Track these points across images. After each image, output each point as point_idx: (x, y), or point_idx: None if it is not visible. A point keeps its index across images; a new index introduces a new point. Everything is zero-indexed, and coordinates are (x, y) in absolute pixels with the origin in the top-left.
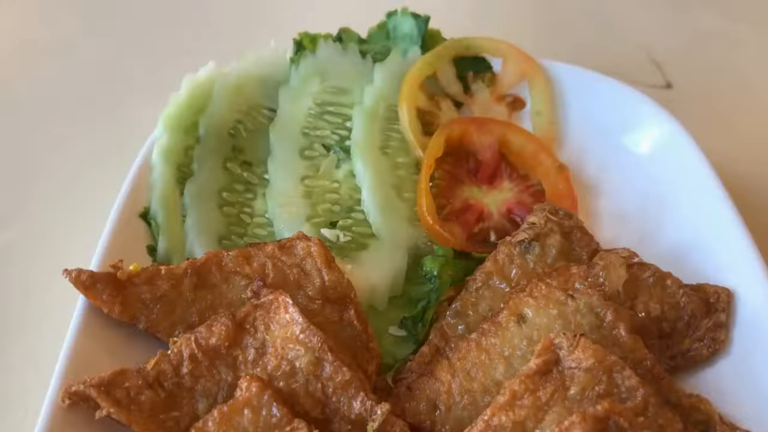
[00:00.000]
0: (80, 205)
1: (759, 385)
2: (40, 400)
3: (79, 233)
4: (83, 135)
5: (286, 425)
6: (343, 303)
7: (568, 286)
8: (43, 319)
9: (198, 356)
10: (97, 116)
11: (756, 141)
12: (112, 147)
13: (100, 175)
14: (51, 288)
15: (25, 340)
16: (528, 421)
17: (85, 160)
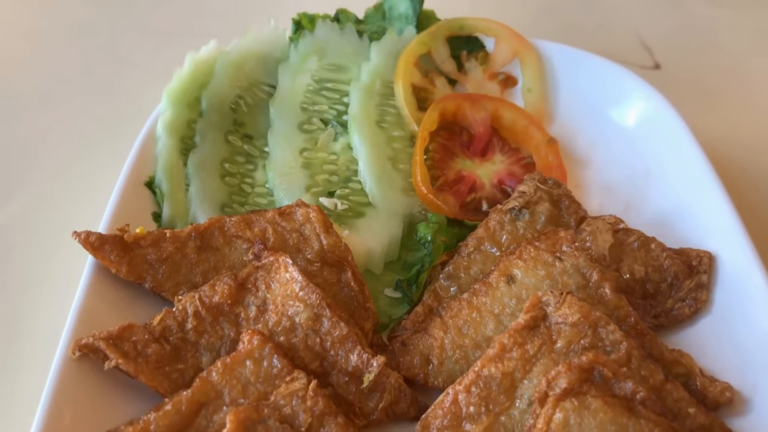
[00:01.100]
0: (89, 175)
1: (737, 341)
2: (52, 354)
3: (88, 201)
4: (90, 111)
5: (286, 375)
6: (341, 265)
7: (556, 248)
8: (55, 281)
9: (202, 313)
10: (102, 94)
11: (741, 120)
12: (118, 121)
13: (107, 147)
14: (62, 252)
15: (37, 301)
16: (516, 372)
17: (92, 134)
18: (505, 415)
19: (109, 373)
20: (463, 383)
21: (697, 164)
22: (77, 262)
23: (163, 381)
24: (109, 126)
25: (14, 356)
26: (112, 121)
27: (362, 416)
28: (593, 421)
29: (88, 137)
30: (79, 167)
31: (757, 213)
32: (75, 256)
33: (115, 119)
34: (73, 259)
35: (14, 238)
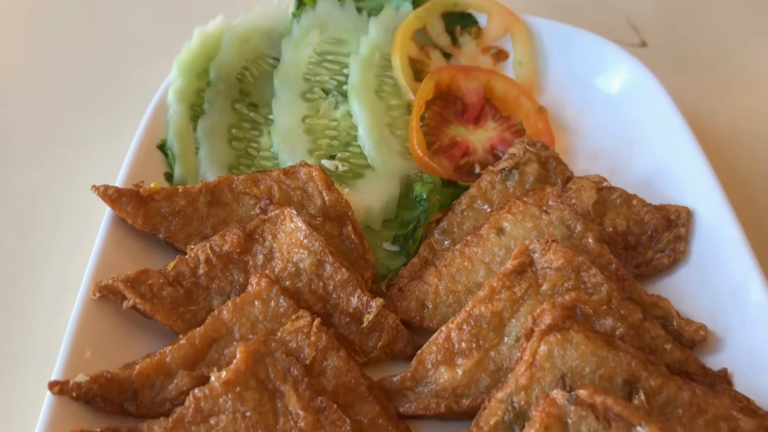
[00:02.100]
0: (104, 139)
1: (712, 289)
2: (73, 297)
3: (104, 163)
4: (103, 86)
5: (292, 314)
6: (342, 220)
7: (543, 203)
8: (75, 233)
9: (212, 260)
10: (113, 69)
11: (725, 96)
12: (128, 95)
13: (121, 114)
14: (82, 206)
15: (60, 250)
16: (505, 311)
17: (107, 103)
18: (494, 350)
19: (126, 313)
20: (456, 322)
21: (677, 129)
22: (96, 215)
23: (177, 320)
24: (120, 99)
25: (38, 300)
26: (123, 94)
27: (362, 354)
28: (575, 353)
29: (103, 108)
30: (96, 133)
31: (738, 181)
32: (94, 210)
33: (125, 93)
34: (93, 212)
35: (42, 194)
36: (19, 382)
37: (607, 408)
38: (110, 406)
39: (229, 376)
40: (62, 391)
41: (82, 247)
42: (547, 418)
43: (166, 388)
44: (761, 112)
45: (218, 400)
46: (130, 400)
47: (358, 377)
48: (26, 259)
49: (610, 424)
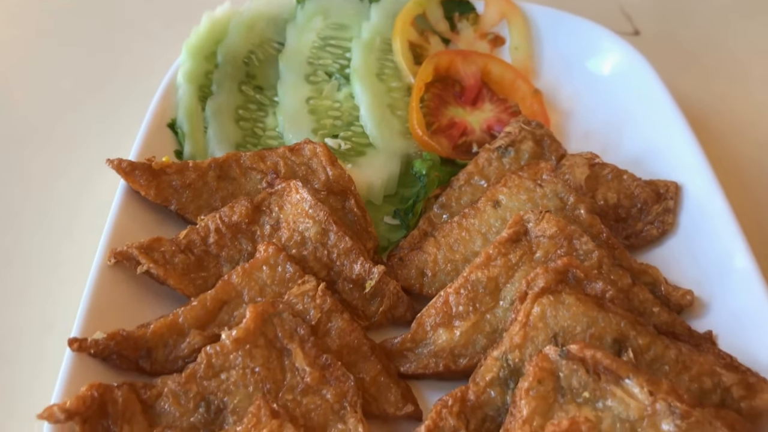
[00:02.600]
0: (118, 118)
1: (699, 258)
2: (89, 264)
3: (118, 140)
4: (116, 67)
5: (298, 279)
6: (345, 194)
7: (537, 177)
8: (91, 204)
9: (222, 230)
10: (126, 54)
11: (717, 83)
12: (137, 78)
13: (134, 95)
14: (97, 180)
15: (76, 220)
16: (500, 277)
17: (121, 85)
18: (490, 313)
19: (140, 279)
20: (454, 287)
21: (666, 109)
22: (111, 187)
23: (188, 285)
24: (133, 82)
25: (56, 266)
26: (136, 77)
27: (364, 318)
28: (567, 313)
29: (117, 90)
30: (111, 113)
31: (728, 163)
32: (109, 183)
33: (137, 76)
34: (107, 185)
35: (61, 169)
36: (41, 342)
37: (597, 362)
38: (126, 363)
39: (239, 335)
40: (81, 348)
41: (98, 218)
42: (540, 372)
43: (178, 347)
44: (752, 100)
45: (229, 356)
46: (144, 357)
47: (360, 338)
48: (46, 229)
49: (599, 377)
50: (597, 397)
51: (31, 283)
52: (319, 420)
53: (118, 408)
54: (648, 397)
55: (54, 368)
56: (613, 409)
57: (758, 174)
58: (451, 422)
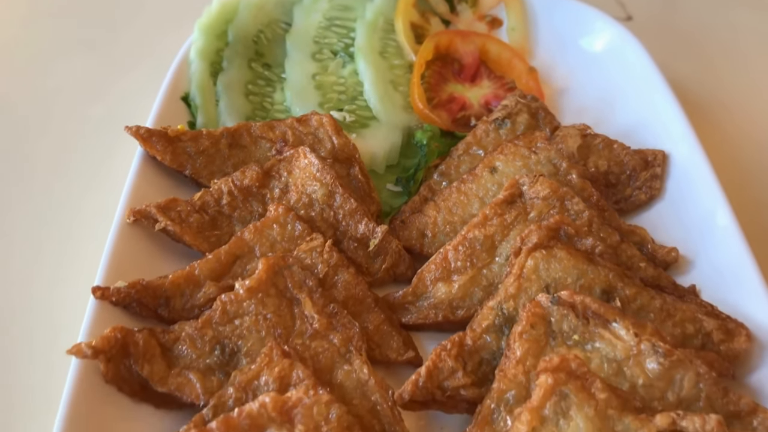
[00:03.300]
0: (134, 91)
1: (684, 221)
2: (109, 223)
3: (136, 111)
4: (132, 46)
5: (307, 236)
6: (350, 162)
7: (532, 145)
8: (110, 169)
9: (234, 192)
10: (142, 33)
11: (708, 67)
12: (156, 52)
13: (150, 70)
14: (116, 147)
15: (96, 182)
16: (496, 235)
17: (137, 62)
18: (486, 268)
19: (157, 237)
20: (452, 244)
21: (655, 84)
22: (129, 153)
23: (203, 243)
24: (148, 59)
25: (79, 225)
26: (151, 55)
27: (368, 275)
28: (558, 266)
29: (133, 66)
30: (129, 87)
31: (719, 146)
32: (126, 150)
33: (153, 54)
34: (125, 152)
35: (83, 138)
36: (65, 292)
37: (586, 307)
38: (145, 311)
39: (252, 284)
40: (104, 296)
41: (117, 182)
42: (533, 317)
43: (195, 296)
44: (745, 84)
45: (242, 304)
46: (163, 305)
47: (365, 290)
48: (69, 191)
49: (588, 321)
50: (586, 339)
51: (55, 240)
52: (326, 362)
53: (139, 349)
54: (633, 339)
55: (78, 318)
56: (601, 350)
57: (748, 151)
58: (449, 363)
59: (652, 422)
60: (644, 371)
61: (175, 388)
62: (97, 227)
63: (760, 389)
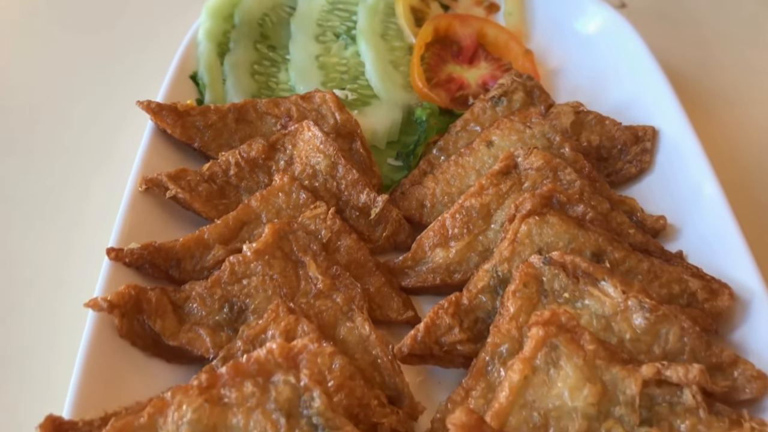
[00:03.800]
0: (145, 70)
1: (672, 192)
2: (122, 191)
3: (147, 87)
4: (142, 28)
5: (311, 204)
6: (351, 136)
7: (527, 120)
8: (122, 142)
9: (241, 164)
10: (152, 17)
11: (702, 53)
12: (164, 33)
13: (159, 50)
14: (128, 120)
15: (109, 152)
16: (492, 203)
17: (148, 42)
18: (482, 235)
19: (167, 206)
20: (450, 212)
21: (646, 64)
22: (141, 127)
23: (211, 210)
24: (154, 39)
25: (94, 193)
26: (157, 35)
27: (370, 242)
28: (550, 231)
29: (144, 46)
30: (137, 66)
31: (712, 129)
32: (137, 125)
33: (159, 35)
34: (137, 127)
35: (96, 112)
36: (79, 254)
37: (576, 266)
38: (157, 272)
39: (259, 246)
40: (117, 257)
41: (129, 155)
42: (526, 276)
43: (204, 258)
44: (739, 72)
45: (249, 265)
46: (174, 267)
47: (366, 255)
48: (83, 163)
49: (578, 280)
50: (576, 297)
51: (70, 208)
52: (329, 319)
53: (151, 305)
54: (621, 296)
55: (93, 281)
56: (590, 307)
57: (743, 136)
58: (446, 320)
59: (638, 372)
60: (631, 326)
61: (186, 342)
62: (110, 197)
63: (742, 345)
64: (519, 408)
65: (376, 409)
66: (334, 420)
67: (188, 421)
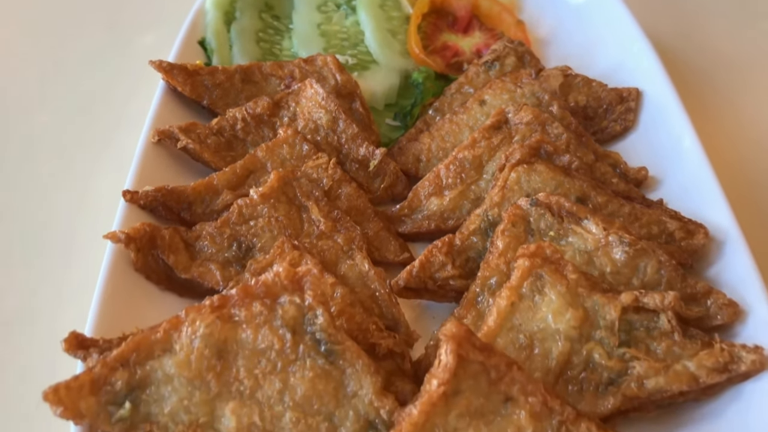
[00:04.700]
0: (155, 35)
1: (655, 148)
2: (135, 144)
3: (157, 52)
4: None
5: (313, 155)
6: (351, 97)
7: (518, 81)
8: (134, 101)
9: (247, 119)
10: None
11: (685, 19)
12: (170, 4)
13: (169, 18)
14: (141, 83)
15: (123, 114)
16: (484, 155)
17: (158, 9)
18: (474, 184)
19: (178, 157)
20: (444, 163)
21: (631, 31)
22: (153, 86)
23: (220, 161)
24: (163, 7)
25: (107, 145)
26: (166, 5)
27: (369, 193)
28: (538, 178)
29: (153, 14)
30: (148, 31)
31: (699, 94)
32: (151, 85)
33: (167, 5)
34: (150, 87)
35: (112, 72)
36: (97, 197)
37: (560, 206)
38: (170, 214)
39: (265, 191)
40: (132, 199)
41: (142, 112)
42: (514, 217)
43: (213, 202)
44: (724, 41)
45: (256, 207)
46: (185, 209)
47: (365, 202)
48: (98, 118)
49: (563, 219)
50: (561, 235)
51: (90, 159)
52: (331, 258)
53: (165, 242)
54: (602, 232)
55: (108, 224)
56: (573, 243)
57: (723, 99)
58: (440, 258)
59: (618, 299)
60: (612, 260)
61: (197, 275)
62: (123, 151)
63: (716, 280)
64: (506, 331)
65: (374, 333)
66: (336, 335)
67: (201, 335)
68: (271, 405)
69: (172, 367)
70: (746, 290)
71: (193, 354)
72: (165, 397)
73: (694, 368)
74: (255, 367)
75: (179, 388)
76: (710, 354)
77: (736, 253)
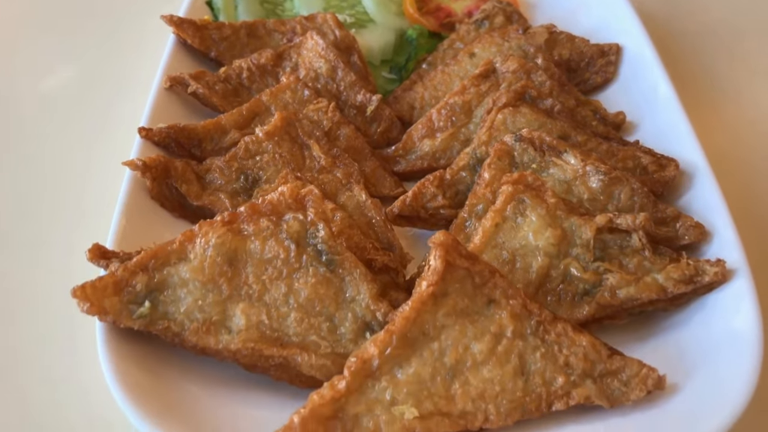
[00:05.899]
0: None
1: (633, 97)
2: (147, 94)
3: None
4: None
5: (314, 100)
6: (349, 50)
7: (505, 35)
8: (147, 50)
9: (252, 69)
10: None
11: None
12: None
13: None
14: (152, 38)
15: (138, 60)
16: (473, 101)
17: None
18: (464, 127)
19: (188, 103)
20: (436, 108)
21: None
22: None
23: (227, 106)
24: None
25: (119, 90)
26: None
27: (366, 137)
28: (523, 119)
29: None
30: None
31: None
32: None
33: None
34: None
35: (120, 29)
36: (113, 140)
37: (542, 141)
38: (181, 150)
39: (269, 129)
40: (147, 136)
41: (153, 61)
42: (500, 152)
43: (222, 140)
44: (707, 12)
45: (261, 144)
46: (196, 146)
47: (363, 143)
48: (111, 65)
49: (544, 153)
50: (542, 167)
51: (107, 103)
52: (331, 190)
53: (178, 172)
54: (580, 163)
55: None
56: (554, 174)
57: (720, 84)
58: (431, 190)
59: (593, 220)
60: (588, 188)
61: (208, 203)
62: (136, 99)
63: (686, 208)
64: (491, 248)
65: (371, 250)
66: (336, 247)
67: (213, 245)
68: (277, 306)
69: (187, 272)
70: (713, 216)
71: (206, 261)
72: (181, 298)
73: (663, 279)
74: (263, 273)
75: (194, 290)
76: (677, 267)
77: (704, 184)
